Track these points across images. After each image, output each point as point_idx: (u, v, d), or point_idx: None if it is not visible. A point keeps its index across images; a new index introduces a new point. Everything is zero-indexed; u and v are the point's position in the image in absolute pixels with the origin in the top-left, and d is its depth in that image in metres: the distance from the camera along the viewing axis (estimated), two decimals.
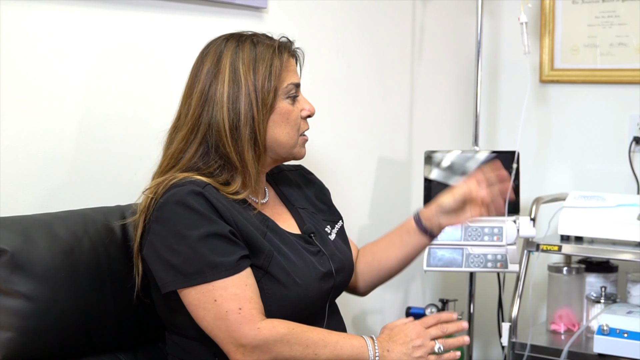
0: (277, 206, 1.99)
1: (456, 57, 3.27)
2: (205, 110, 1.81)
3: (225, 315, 1.70)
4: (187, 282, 1.71)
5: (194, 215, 1.72)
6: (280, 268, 1.80)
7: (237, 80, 1.81)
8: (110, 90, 2.06)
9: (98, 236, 1.83)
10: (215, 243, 1.72)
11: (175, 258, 1.72)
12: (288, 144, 1.88)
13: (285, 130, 1.87)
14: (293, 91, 1.88)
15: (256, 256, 1.78)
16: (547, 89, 3.25)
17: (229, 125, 1.80)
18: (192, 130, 1.82)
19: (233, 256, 1.73)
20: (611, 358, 2.54)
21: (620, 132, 3.12)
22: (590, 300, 2.77)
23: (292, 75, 1.89)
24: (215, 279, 1.71)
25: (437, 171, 2.72)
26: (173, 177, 1.78)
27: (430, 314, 2.73)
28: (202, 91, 1.82)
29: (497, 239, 2.61)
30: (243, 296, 1.72)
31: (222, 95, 1.80)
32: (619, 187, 3.09)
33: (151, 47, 2.15)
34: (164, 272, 1.73)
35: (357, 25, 2.80)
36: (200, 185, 1.75)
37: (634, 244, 2.66)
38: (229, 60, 1.82)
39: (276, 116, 1.85)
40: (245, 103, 1.80)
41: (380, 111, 2.95)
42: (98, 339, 1.83)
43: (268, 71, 1.82)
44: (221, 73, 1.81)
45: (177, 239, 1.72)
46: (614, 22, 3.11)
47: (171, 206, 1.73)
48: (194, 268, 1.71)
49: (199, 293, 1.71)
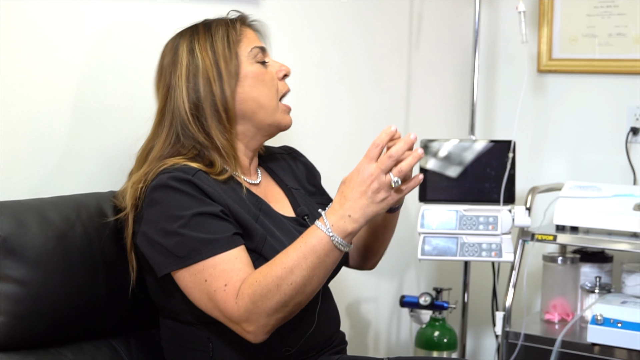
0: (271, 187, 1.99)
1: (454, 46, 3.27)
2: (168, 99, 1.84)
3: (214, 295, 1.69)
4: (182, 262, 1.70)
5: (185, 197, 1.72)
6: (274, 251, 1.78)
7: (195, 60, 1.83)
8: (105, 76, 2.06)
9: (91, 221, 1.83)
10: (207, 221, 1.71)
11: (169, 240, 1.71)
12: (270, 106, 1.88)
13: (264, 91, 1.87)
14: (260, 55, 1.89)
15: (249, 239, 1.78)
16: (545, 79, 3.25)
17: (189, 106, 1.82)
18: (160, 121, 1.86)
19: (227, 232, 1.72)
20: (605, 348, 2.54)
21: (618, 123, 3.11)
22: (585, 290, 2.77)
23: (254, 41, 1.90)
24: (211, 255, 1.69)
25: (433, 161, 2.72)
26: (163, 163, 1.79)
27: (424, 302, 2.73)
28: (165, 83, 1.86)
29: (492, 228, 2.60)
30: (231, 270, 1.69)
31: (180, 78, 1.83)
32: (615, 177, 3.09)
33: (146, 34, 2.14)
34: (158, 255, 1.73)
35: (354, 13, 2.79)
36: (189, 172, 1.75)
37: (630, 234, 2.66)
38: (185, 45, 1.86)
39: (250, 80, 1.86)
40: (203, 78, 1.82)
41: (376, 100, 2.94)
42: (90, 324, 1.84)
43: (226, 41, 1.85)
44: (179, 59, 1.85)
45: (169, 221, 1.72)
46: (613, 12, 3.11)
47: (160, 190, 1.74)
48: (188, 248, 1.70)
49: (192, 275, 1.71)
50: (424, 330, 2.78)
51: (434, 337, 2.75)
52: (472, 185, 2.69)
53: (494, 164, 2.69)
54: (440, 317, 2.78)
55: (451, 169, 2.72)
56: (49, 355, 1.76)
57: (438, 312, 2.77)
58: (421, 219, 2.64)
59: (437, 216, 2.64)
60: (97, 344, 1.86)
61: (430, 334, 2.76)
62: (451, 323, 2.87)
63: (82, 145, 2.02)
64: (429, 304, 2.74)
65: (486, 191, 2.68)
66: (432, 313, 2.78)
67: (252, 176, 1.94)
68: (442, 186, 2.70)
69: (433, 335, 2.76)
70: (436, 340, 2.75)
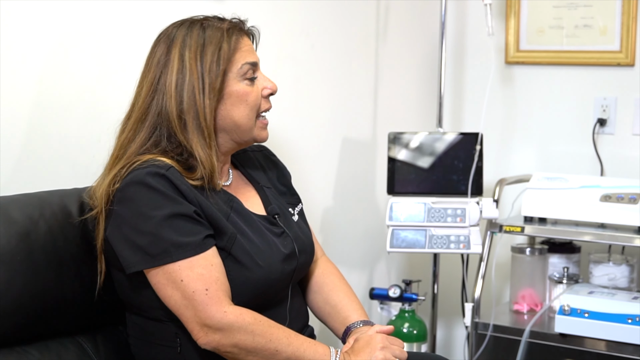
0: (242, 186, 1.99)
1: (421, 38, 3.27)
2: (154, 99, 1.81)
3: (192, 295, 1.71)
4: (153, 262, 1.72)
5: (158, 195, 1.72)
6: (243, 250, 1.80)
7: (184, 68, 1.81)
8: (68, 72, 2.04)
9: (55, 219, 1.81)
10: (179, 223, 1.73)
11: (141, 239, 1.72)
12: (247, 126, 1.87)
13: (244, 112, 1.86)
14: (250, 71, 1.87)
15: (219, 238, 1.79)
16: (513, 70, 3.26)
17: (177, 114, 1.80)
18: (141, 119, 1.82)
19: (198, 235, 1.74)
20: (572, 337, 2.57)
21: (585, 114, 3.14)
22: (553, 280, 2.80)
23: (247, 55, 1.87)
24: (181, 258, 1.71)
25: (405, 152, 2.73)
26: (136, 159, 1.78)
27: (393, 294, 2.74)
28: (152, 81, 1.82)
29: (460, 220, 2.62)
30: (209, 276, 1.73)
31: (170, 85, 1.80)
32: (583, 168, 3.11)
33: (109, 29, 2.12)
34: (129, 252, 1.73)
35: (321, 6, 2.78)
36: (163, 167, 1.75)
37: (596, 225, 2.69)
38: (178, 49, 1.82)
39: (233, 99, 1.84)
40: (188, 90, 1.80)
41: (344, 92, 2.94)
42: (56, 323, 1.82)
43: (216, 55, 1.82)
44: (170, 62, 1.82)
45: (141, 219, 1.72)
46: (579, 3, 3.12)
47: (134, 187, 1.73)
48: (159, 248, 1.71)
49: (166, 273, 1.72)
50: (394, 322, 2.79)
51: (403, 329, 2.76)
52: (440, 177, 2.70)
53: (462, 156, 2.70)
54: (410, 309, 2.79)
55: (420, 161, 2.73)
56: (15, 354, 1.74)
57: (407, 304, 2.78)
58: (390, 212, 2.66)
59: (405, 209, 2.66)
60: (63, 342, 1.84)
61: (400, 326, 2.77)
62: (421, 315, 2.88)
63: (45, 142, 2.00)
64: (399, 296, 2.75)
65: (454, 183, 2.70)
66: (402, 305, 2.79)
67: (223, 178, 1.94)
68: (410, 179, 2.71)
69: (402, 327, 2.77)
70: (406, 332, 2.76)
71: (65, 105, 2.04)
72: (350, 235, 3.02)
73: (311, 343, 1.81)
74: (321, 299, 2.07)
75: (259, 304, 1.82)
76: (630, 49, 3.03)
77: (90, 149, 2.04)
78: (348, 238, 3.01)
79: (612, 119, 3.08)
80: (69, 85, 2.05)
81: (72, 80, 2.05)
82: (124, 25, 2.16)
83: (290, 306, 1.93)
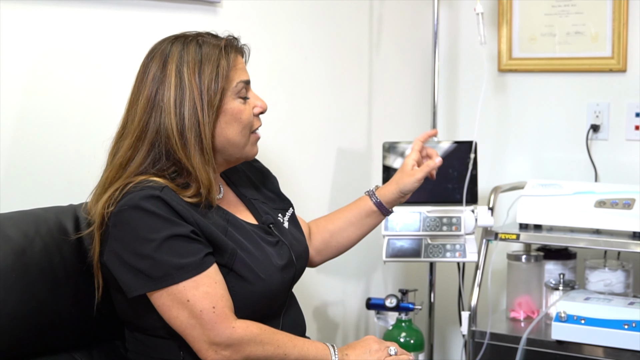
0: (232, 200, 2.00)
1: (414, 48, 3.28)
2: (152, 116, 1.79)
3: (200, 314, 1.72)
4: (156, 285, 1.72)
5: (154, 218, 1.72)
6: (244, 265, 1.81)
7: (183, 84, 1.79)
8: (63, 89, 2.05)
9: (50, 236, 1.82)
10: (178, 244, 1.73)
11: (141, 263, 1.72)
12: (240, 143, 1.88)
13: (238, 129, 1.86)
14: (243, 90, 1.87)
15: (220, 255, 1.79)
16: (506, 78, 3.27)
17: (177, 131, 1.78)
18: (140, 137, 1.80)
19: (198, 255, 1.74)
20: (569, 344, 2.57)
21: (578, 120, 3.15)
22: (549, 287, 2.80)
23: (241, 74, 1.88)
24: (183, 279, 1.72)
25: (400, 161, 2.73)
26: (129, 181, 1.77)
27: (389, 304, 2.74)
28: (148, 97, 1.80)
29: (456, 229, 2.63)
30: (214, 294, 1.74)
31: (168, 101, 1.78)
32: (577, 174, 3.12)
33: (104, 44, 2.13)
34: (130, 277, 1.73)
35: (313, 18, 2.80)
36: (157, 188, 1.74)
37: (592, 231, 2.69)
38: (174, 64, 1.80)
39: (227, 117, 1.85)
40: (189, 107, 1.78)
41: (338, 103, 2.95)
42: (52, 339, 1.82)
43: (215, 72, 1.81)
44: (167, 78, 1.80)
45: (140, 243, 1.72)
46: (571, 11, 3.13)
47: (130, 211, 1.73)
48: (161, 271, 1.71)
49: (170, 294, 1.72)
50: (391, 332, 2.79)
51: (400, 338, 2.76)
52: (435, 186, 2.71)
53: (456, 165, 2.71)
54: (407, 319, 2.79)
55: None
56: None
57: (404, 313, 2.78)
58: (385, 222, 2.66)
59: (400, 218, 2.66)
60: (59, 358, 1.84)
61: (397, 336, 2.77)
62: (418, 324, 2.88)
63: (41, 159, 2.00)
64: (395, 305, 2.75)
65: (449, 192, 2.71)
66: (399, 315, 2.79)
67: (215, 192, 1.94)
68: None
69: (399, 336, 2.77)
70: (403, 341, 2.76)
71: (60, 122, 2.04)
72: None
73: (312, 342, 1.87)
74: (328, 237, 2.22)
75: (258, 315, 1.83)
76: (622, 54, 3.04)
77: (85, 165, 2.04)
78: None
79: (605, 125, 3.09)
80: (64, 101, 2.05)
81: (67, 96, 2.06)
82: (120, 39, 2.17)
83: (286, 316, 1.94)
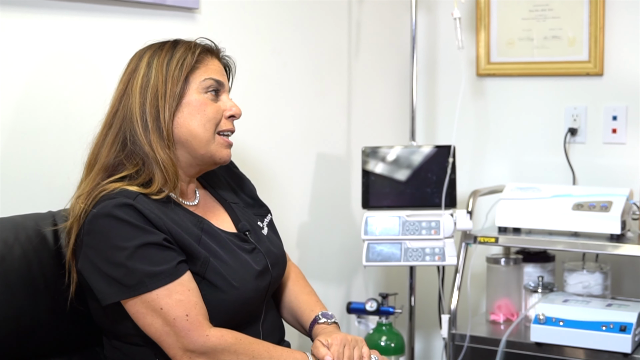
0: (210, 204, 2.00)
1: (393, 53, 3.30)
2: (122, 103, 1.85)
3: (174, 322, 1.73)
4: (129, 292, 1.73)
5: (127, 226, 1.74)
6: (217, 273, 1.82)
7: (150, 72, 1.85)
8: (42, 95, 2.05)
9: (29, 243, 1.82)
10: (151, 252, 1.74)
11: (114, 271, 1.73)
12: (203, 137, 1.88)
13: (201, 122, 1.87)
14: (213, 87, 1.90)
15: (192, 263, 1.80)
16: (484, 83, 3.30)
17: (140, 114, 1.83)
18: (108, 123, 1.86)
19: (171, 263, 1.75)
20: (548, 346, 2.59)
21: (556, 124, 3.17)
22: (528, 290, 2.82)
23: (213, 72, 1.91)
24: (156, 287, 1.73)
25: (379, 166, 2.75)
26: (103, 188, 1.78)
27: (370, 308, 2.76)
28: (121, 89, 1.87)
29: (435, 233, 2.64)
30: (188, 302, 1.75)
31: (135, 87, 1.84)
32: (555, 178, 3.15)
33: (82, 52, 2.14)
34: (104, 284, 1.74)
35: (292, 24, 2.81)
36: (130, 196, 1.76)
37: (570, 233, 2.72)
38: (147, 57, 1.87)
39: (191, 108, 1.87)
40: (152, 92, 1.83)
41: (318, 108, 2.96)
42: (32, 346, 1.82)
43: (181, 63, 1.86)
44: (138, 69, 1.86)
45: (113, 251, 1.73)
46: (548, 15, 3.16)
47: (102, 219, 1.74)
48: (134, 279, 1.72)
49: (144, 302, 1.73)
50: (372, 335, 2.80)
51: (381, 342, 2.78)
52: (414, 190, 2.72)
53: (435, 169, 2.73)
54: (387, 322, 2.80)
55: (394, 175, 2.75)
56: None
57: (385, 317, 2.80)
58: (365, 226, 2.68)
59: (380, 222, 2.68)
60: None
61: (378, 339, 2.78)
62: (399, 327, 2.90)
63: (19, 166, 2.00)
64: (375, 309, 2.76)
65: (428, 196, 2.72)
66: (379, 318, 2.81)
67: (190, 198, 1.95)
68: (384, 193, 2.73)
69: (380, 340, 2.79)
70: (383, 345, 2.77)
71: (39, 129, 2.04)
72: (327, 250, 3.04)
73: (289, 352, 1.86)
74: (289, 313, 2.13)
75: (235, 323, 1.84)
76: (599, 58, 3.07)
77: (64, 172, 2.04)
78: (324, 253, 3.02)
79: (582, 128, 3.12)
80: (44, 108, 2.05)
81: (46, 103, 2.06)
82: (98, 48, 2.17)
83: (264, 322, 1.95)
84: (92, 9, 2.14)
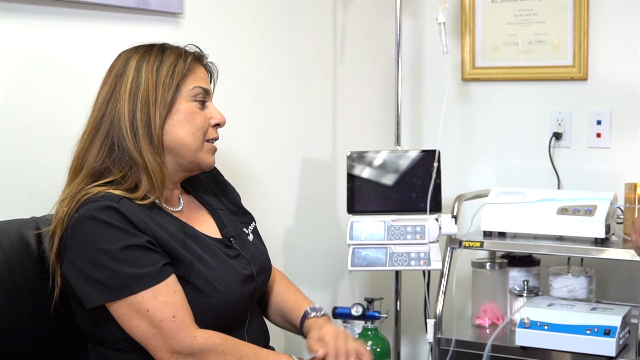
0: (195, 210, 2.00)
1: (378, 58, 3.30)
2: (109, 108, 1.84)
3: (160, 324, 1.72)
4: (114, 295, 1.72)
5: (111, 229, 1.73)
6: (202, 277, 1.82)
7: (139, 77, 1.84)
8: (24, 100, 2.04)
9: (12, 249, 1.81)
10: (135, 254, 1.74)
11: (99, 273, 1.72)
12: (192, 146, 1.88)
13: (190, 130, 1.88)
14: (201, 95, 1.90)
15: (177, 267, 1.80)
16: (469, 87, 3.30)
17: (129, 120, 1.82)
18: (95, 127, 1.85)
19: (156, 265, 1.75)
20: (533, 350, 2.59)
21: (541, 128, 3.18)
22: (513, 294, 2.83)
23: (200, 81, 1.91)
24: (142, 289, 1.72)
25: (364, 171, 2.75)
26: (87, 192, 1.78)
27: (355, 313, 2.75)
28: (107, 92, 1.86)
29: (420, 237, 2.64)
30: (174, 304, 1.74)
31: (124, 92, 1.83)
32: (540, 182, 3.16)
33: (65, 56, 2.13)
34: (89, 287, 1.74)
35: (277, 28, 2.81)
36: (114, 199, 1.76)
37: (555, 237, 2.72)
38: (135, 61, 1.86)
39: (180, 116, 1.87)
40: (142, 98, 1.83)
41: (303, 113, 2.96)
42: (15, 352, 1.81)
43: (171, 70, 1.86)
44: (126, 73, 1.85)
45: (97, 254, 1.72)
46: (533, 20, 3.17)
47: (86, 222, 1.74)
48: (119, 282, 1.72)
49: (130, 305, 1.73)
50: None
51: (366, 347, 2.77)
52: (400, 195, 2.72)
53: (420, 174, 2.73)
54: (373, 327, 2.80)
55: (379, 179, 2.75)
56: None
57: (370, 322, 2.79)
58: (350, 231, 2.67)
59: (365, 227, 2.67)
60: None
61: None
62: (385, 332, 2.90)
63: (2, 171, 1.99)
64: (361, 314, 2.75)
65: (413, 201, 2.72)
66: (365, 323, 2.80)
67: (174, 205, 1.95)
68: (369, 197, 2.73)
69: (366, 345, 2.78)
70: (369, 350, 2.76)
71: (21, 134, 2.03)
72: (312, 255, 3.04)
73: (276, 355, 1.87)
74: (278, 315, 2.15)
75: (220, 327, 1.83)
76: (583, 63, 3.08)
77: (47, 178, 2.03)
78: (310, 258, 3.02)
79: (567, 133, 3.13)
80: (26, 112, 2.04)
81: (28, 107, 2.05)
82: (81, 52, 2.16)
83: (249, 327, 1.95)
84: (75, 13, 2.14)
